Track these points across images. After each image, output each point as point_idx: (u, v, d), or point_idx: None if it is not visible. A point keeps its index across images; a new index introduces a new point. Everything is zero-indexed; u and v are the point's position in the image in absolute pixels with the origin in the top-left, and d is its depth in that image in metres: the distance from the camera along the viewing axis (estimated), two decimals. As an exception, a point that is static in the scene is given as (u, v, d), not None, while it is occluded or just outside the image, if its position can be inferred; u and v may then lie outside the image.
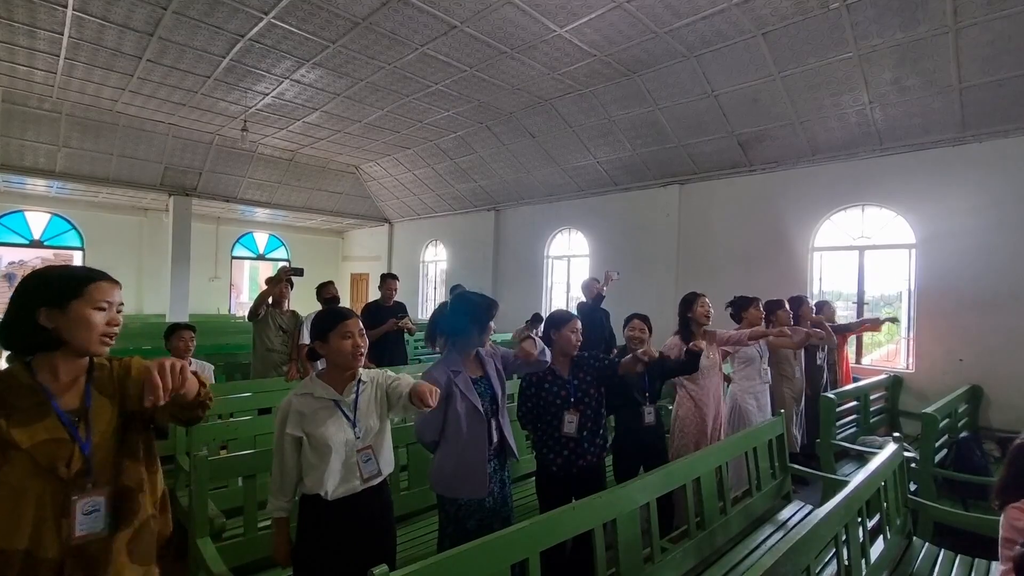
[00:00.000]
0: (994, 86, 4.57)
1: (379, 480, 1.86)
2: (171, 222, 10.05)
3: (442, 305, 2.49)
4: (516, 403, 2.75)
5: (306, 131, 8.74)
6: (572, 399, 2.62)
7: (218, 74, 6.49)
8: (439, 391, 1.80)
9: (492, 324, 2.37)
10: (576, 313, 5.72)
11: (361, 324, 1.88)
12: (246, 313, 5.27)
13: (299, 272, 4.53)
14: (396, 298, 5.43)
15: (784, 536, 2.90)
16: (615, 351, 5.66)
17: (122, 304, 1.32)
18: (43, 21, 5.29)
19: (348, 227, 14.84)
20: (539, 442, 2.67)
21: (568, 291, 9.48)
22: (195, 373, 1.32)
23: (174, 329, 3.94)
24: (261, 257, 14.85)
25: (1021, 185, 4.78)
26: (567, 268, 9.48)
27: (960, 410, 4.60)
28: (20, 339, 1.23)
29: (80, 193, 10.54)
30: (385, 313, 5.17)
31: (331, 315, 1.88)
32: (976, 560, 2.64)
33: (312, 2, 4.78)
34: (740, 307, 4.05)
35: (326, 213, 12.40)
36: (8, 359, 1.26)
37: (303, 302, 8.89)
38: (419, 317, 11.19)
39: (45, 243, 11.59)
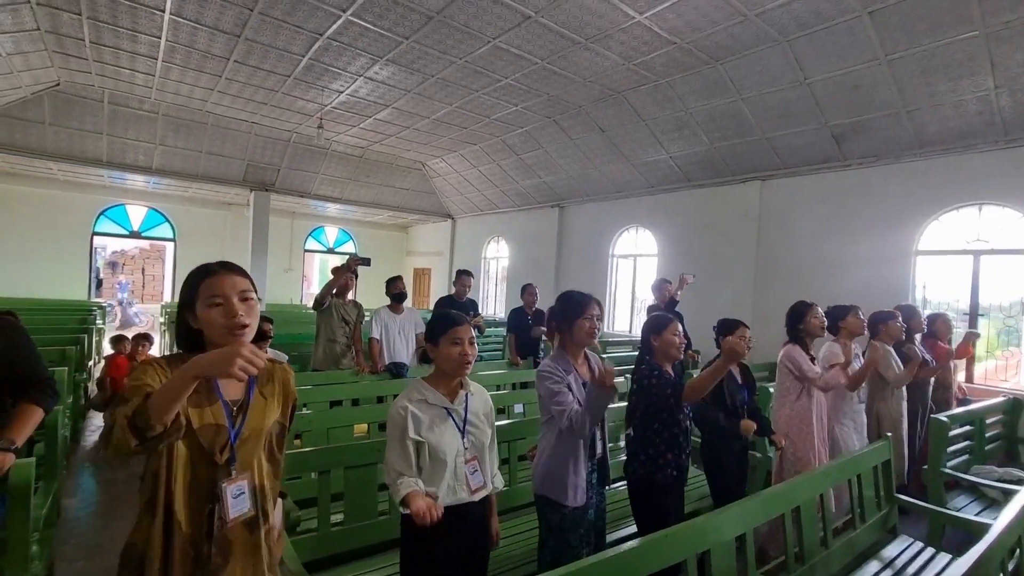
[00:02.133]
0: None
1: (486, 492, 1.85)
2: (252, 216, 10.63)
3: (552, 308, 2.44)
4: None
5: (376, 128, 8.93)
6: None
7: (297, 73, 6.72)
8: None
9: (597, 324, 2.21)
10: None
11: (472, 332, 1.85)
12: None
13: (366, 262, 4.57)
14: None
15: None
16: (692, 354, 5.37)
17: (246, 291, 1.26)
18: (143, 25, 5.66)
19: (412, 222, 15.16)
20: (651, 444, 2.45)
21: (633, 291, 9.15)
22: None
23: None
24: (331, 251, 15.47)
25: None
26: (633, 267, 9.16)
27: (1102, 442, 3.97)
28: (182, 341, 1.31)
29: (173, 188, 11.38)
30: (458, 308, 5.18)
31: (443, 320, 1.85)
32: None
33: (388, -2, 4.81)
34: (836, 317, 3.67)
35: (392, 208, 12.70)
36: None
37: (369, 295, 9.05)
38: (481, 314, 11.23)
39: (143, 234, 12.62)
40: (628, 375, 2.66)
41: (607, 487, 2.31)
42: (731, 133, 6.55)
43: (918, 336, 4.26)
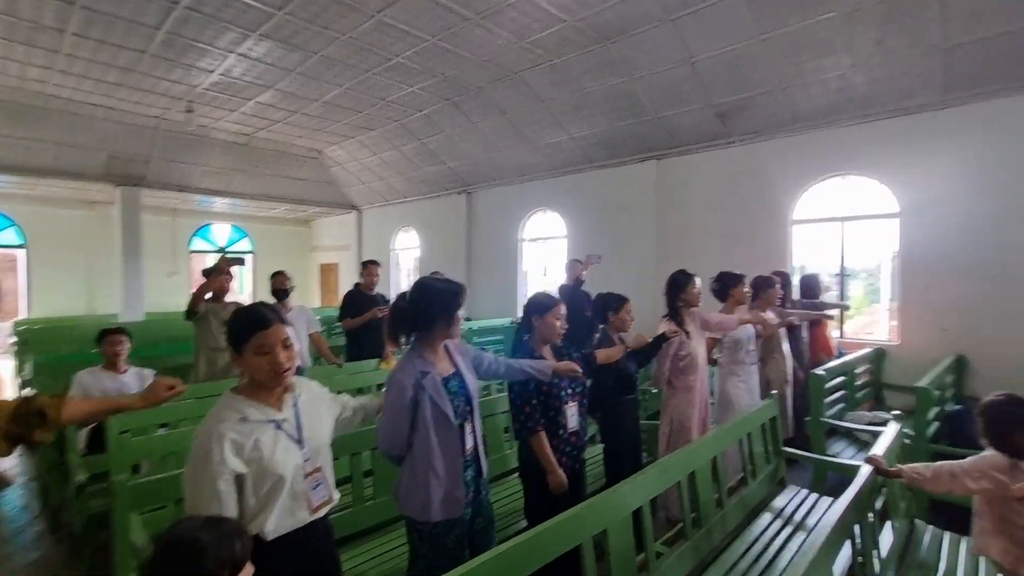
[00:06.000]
0: (979, 45, 4.39)
1: (330, 507, 1.58)
2: (119, 215, 9.38)
3: (401, 296, 2.12)
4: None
5: (260, 112, 8.17)
6: (570, 389, 2.37)
7: (155, 49, 5.91)
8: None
9: (461, 313, 2.06)
10: (558, 296, 5.48)
11: (287, 332, 1.50)
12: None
13: (240, 261, 4.13)
14: (370, 287, 5.11)
15: (784, 525, 2.71)
16: (597, 334, 5.45)
17: None
18: (-58, -13, 4.68)
19: (315, 216, 14.24)
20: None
21: (545, 274, 9.20)
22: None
23: (104, 334, 3.59)
24: (222, 250, 14.14)
25: (1007, 149, 4.63)
26: (543, 251, 9.19)
27: (947, 381, 4.50)
28: None
29: (16, 186, 9.73)
30: (368, 300, 4.85)
31: (244, 321, 1.48)
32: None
33: (251, -39, 4.31)
34: (727, 285, 3.82)
35: (289, 201, 11.81)
36: None
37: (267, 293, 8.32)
38: (392, 306, 10.82)
39: (-19, 242, 10.76)
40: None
41: (484, 478, 2.10)
42: (626, 113, 6.68)
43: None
